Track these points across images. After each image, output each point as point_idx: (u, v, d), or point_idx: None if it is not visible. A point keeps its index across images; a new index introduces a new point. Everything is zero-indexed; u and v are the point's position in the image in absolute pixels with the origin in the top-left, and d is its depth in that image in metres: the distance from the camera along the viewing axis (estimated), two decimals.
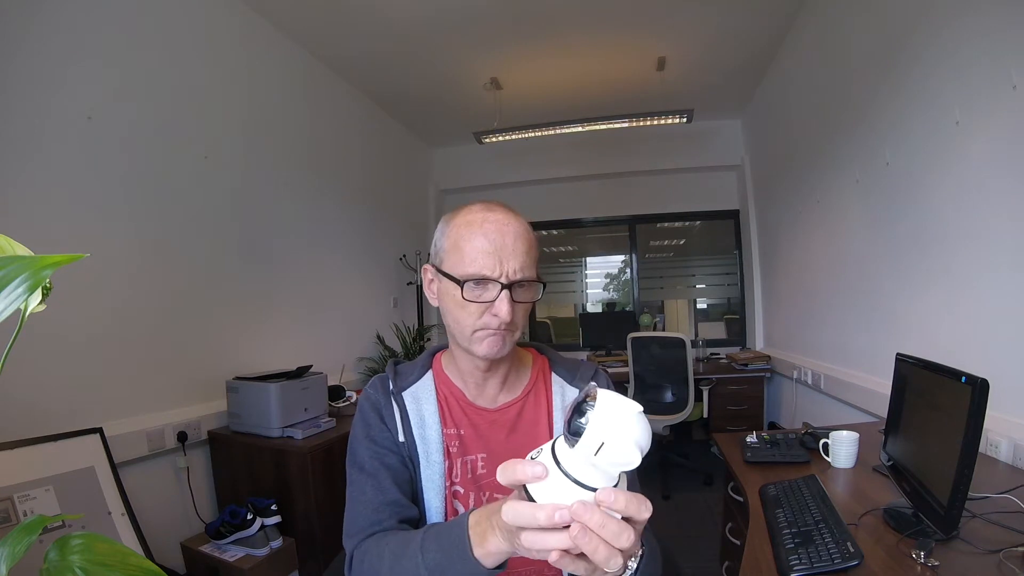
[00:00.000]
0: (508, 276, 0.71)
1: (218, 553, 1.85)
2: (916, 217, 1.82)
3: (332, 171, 3.14)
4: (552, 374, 0.87)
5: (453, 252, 0.73)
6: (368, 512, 0.74)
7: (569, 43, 2.95)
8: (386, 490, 0.75)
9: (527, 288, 0.74)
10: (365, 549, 0.71)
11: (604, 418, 0.42)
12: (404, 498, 0.76)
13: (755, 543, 1.06)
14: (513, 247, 0.72)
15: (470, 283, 0.71)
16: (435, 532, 0.63)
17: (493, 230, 0.72)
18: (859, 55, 2.13)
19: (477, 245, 0.71)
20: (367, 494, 0.75)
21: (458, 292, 0.71)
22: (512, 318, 0.72)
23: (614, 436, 0.42)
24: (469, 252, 0.71)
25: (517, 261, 0.72)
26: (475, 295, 0.72)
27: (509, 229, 0.73)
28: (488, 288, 0.71)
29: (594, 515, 0.42)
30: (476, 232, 0.72)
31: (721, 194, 4.29)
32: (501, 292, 0.71)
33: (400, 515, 0.74)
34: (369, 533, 0.72)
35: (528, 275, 0.73)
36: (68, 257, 0.38)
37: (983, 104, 1.46)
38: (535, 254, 0.76)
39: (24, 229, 1.46)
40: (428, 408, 0.81)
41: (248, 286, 2.41)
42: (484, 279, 0.71)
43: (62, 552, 0.44)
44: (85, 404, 1.67)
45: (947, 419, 0.95)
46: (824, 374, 2.63)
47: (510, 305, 0.71)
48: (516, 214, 0.76)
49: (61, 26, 1.64)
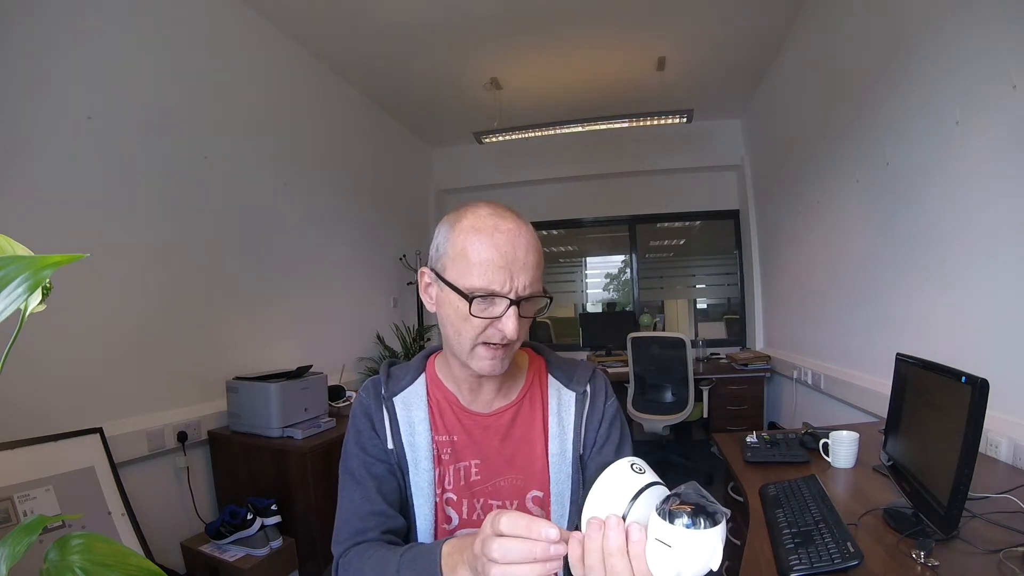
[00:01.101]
0: (518, 292, 0.67)
1: (218, 553, 1.85)
2: (916, 217, 1.82)
3: (332, 171, 3.14)
4: (548, 376, 0.85)
5: (460, 260, 0.68)
6: (355, 520, 0.74)
7: (569, 43, 2.95)
8: (372, 500, 0.75)
9: (533, 303, 0.71)
10: (348, 560, 0.72)
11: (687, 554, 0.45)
12: (390, 508, 0.76)
13: (755, 543, 1.06)
14: (524, 261, 0.68)
15: (476, 299, 0.67)
16: (412, 556, 0.64)
17: (504, 241, 0.67)
18: (859, 55, 2.13)
19: (487, 257, 0.66)
20: (355, 502, 0.76)
21: (463, 305, 0.67)
22: (517, 335, 0.69)
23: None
24: (478, 264, 0.66)
25: (527, 276, 0.68)
26: (480, 309, 0.67)
27: (521, 241, 0.68)
28: (495, 304, 0.67)
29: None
30: (486, 242, 0.67)
31: (721, 194, 4.29)
32: (509, 308, 0.67)
33: (384, 526, 0.74)
34: (354, 542, 0.73)
35: (536, 290, 0.70)
36: (68, 257, 0.38)
37: (983, 104, 1.46)
38: (543, 266, 0.72)
39: (24, 229, 1.46)
40: (418, 415, 0.79)
41: (248, 286, 2.41)
42: (492, 294, 0.67)
43: (62, 552, 0.44)
44: (85, 404, 1.67)
45: (947, 419, 0.95)
46: (824, 374, 2.63)
47: (517, 321, 0.67)
48: (526, 222, 0.72)
49: (61, 26, 1.64)
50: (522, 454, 0.80)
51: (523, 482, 0.79)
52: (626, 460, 0.52)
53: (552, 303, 0.74)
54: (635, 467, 0.51)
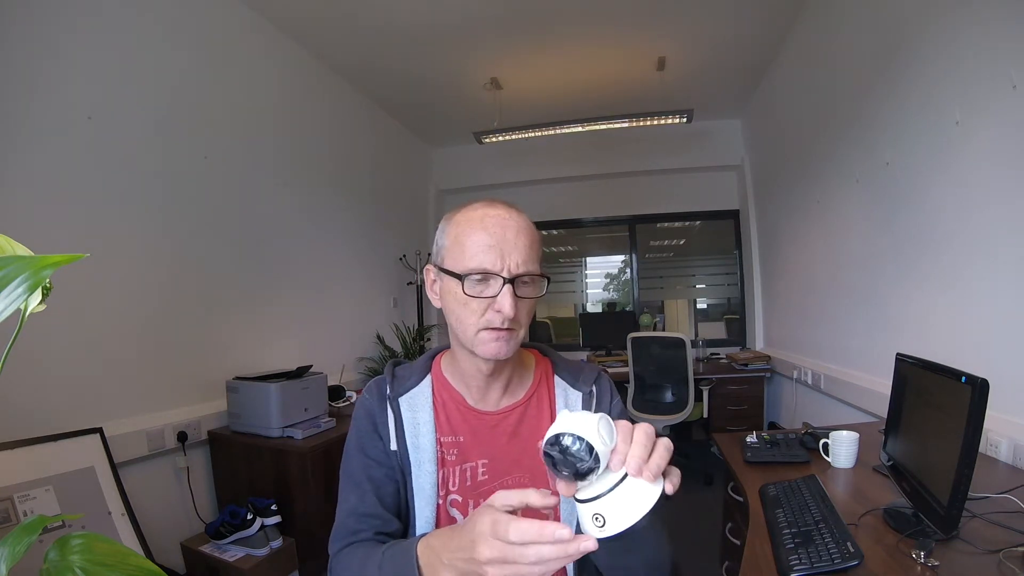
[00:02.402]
0: (511, 270, 0.69)
1: (218, 553, 1.85)
2: (916, 217, 1.82)
3: (332, 171, 3.14)
4: (555, 377, 0.85)
5: (454, 248, 0.72)
6: (350, 521, 0.75)
7: (569, 43, 2.95)
8: (368, 503, 0.76)
9: (531, 284, 0.72)
10: (340, 558, 0.73)
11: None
12: (386, 512, 0.76)
13: (755, 543, 1.06)
14: (515, 241, 0.70)
15: (472, 278, 0.69)
16: (392, 552, 0.65)
17: (494, 223, 0.70)
18: (859, 55, 2.13)
19: (478, 239, 0.70)
20: (351, 502, 0.76)
21: (459, 288, 0.69)
22: (516, 314, 0.70)
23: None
24: (470, 247, 0.70)
25: (520, 255, 0.70)
26: (477, 290, 0.70)
27: (511, 224, 0.71)
28: (490, 283, 0.70)
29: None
30: (476, 227, 0.71)
31: (721, 194, 4.29)
32: (504, 286, 0.69)
33: (378, 528, 0.75)
34: (348, 542, 0.74)
35: (531, 269, 0.71)
36: (68, 257, 0.38)
37: (983, 104, 1.46)
38: (538, 250, 0.74)
39: (24, 229, 1.46)
40: (423, 416, 0.79)
41: (248, 286, 2.41)
42: (486, 273, 0.69)
43: (62, 552, 0.44)
44: (85, 404, 1.67)
45: (947, 419, 0.95)
46: (824, 374, 2.63)
47: (513, 300, 0.69)
48: (518, 210, 0.75)
49: (62, 26, 1.64)
50: (529, 454, 0.80)
51: (530, 482, 0.79)
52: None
53: (550, 282, 0.75)
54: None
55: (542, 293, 0.74)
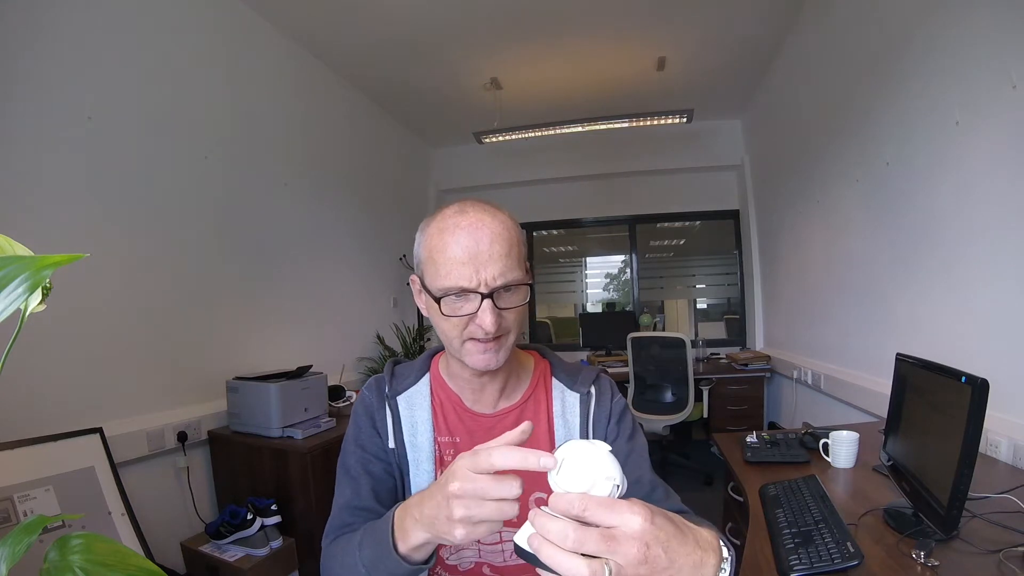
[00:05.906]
0: (487, 284, 0.66)
1: (218, 553, 1.85)
2: (916, 217, 1.82)
3: (332, 171, 3.14)
4: (553, 379, 0.85)
5: (429, 264, 0.69)
6: (344, 514, 0.75)
7: (569, 43, 2.95)
8: (363, 496, 0.76)
9: (513, 292, 0.69)
10: (330, 549, 0.74)
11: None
12: (380, 506, 0.76)
13: (755, 543, 1.06)
14: (489, 252, 0.66)
15: (448, 298, 0.67)
16: (371, 527, 0.64)
17: (465, 236, 0.66)
18: (859, 55, 2.13)
19: (450, 255, 0.66)
20: (345, 496, 0.77)
21: (436, 307, 0.68)
22: (498, 328, 0.68)
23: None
24: (443, 265, 0.67)
25: (496, 267, 0.66)
26: (454, 309, 0.68)
27: (484, 233, 0.67)
28: (468, 300, 0.67)
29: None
30: (448, 240, 0.67)
31: (721, 194, 4.29)
32: (483, 303, 0.66)
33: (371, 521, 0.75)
34: (339, 534, 0.74)
35: (511, 279, 0.67)
36: (68, 257, 0.38)
37: (983, 104, 1.46)
38: (518, 253, 0.70)
39: (24, 229, 1.46)
40: (421, 415, 0.79)
41: (248, 286, 2.41)
42: (462, 291, 0.66)
43: (62, 552, 0.44)
44: (85, 404, 1.67)
45: (947, 419, 0.95)
46: (824, 374, 2.63)
47: (494, 315, 0.66)
48: (493, 212, 0.70)
49: (62, 27, 1.64)
50: None
51: (527, 484, 0.79)
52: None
53: (534, 289, 0.74)
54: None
55: (527, 300, 0.72)
